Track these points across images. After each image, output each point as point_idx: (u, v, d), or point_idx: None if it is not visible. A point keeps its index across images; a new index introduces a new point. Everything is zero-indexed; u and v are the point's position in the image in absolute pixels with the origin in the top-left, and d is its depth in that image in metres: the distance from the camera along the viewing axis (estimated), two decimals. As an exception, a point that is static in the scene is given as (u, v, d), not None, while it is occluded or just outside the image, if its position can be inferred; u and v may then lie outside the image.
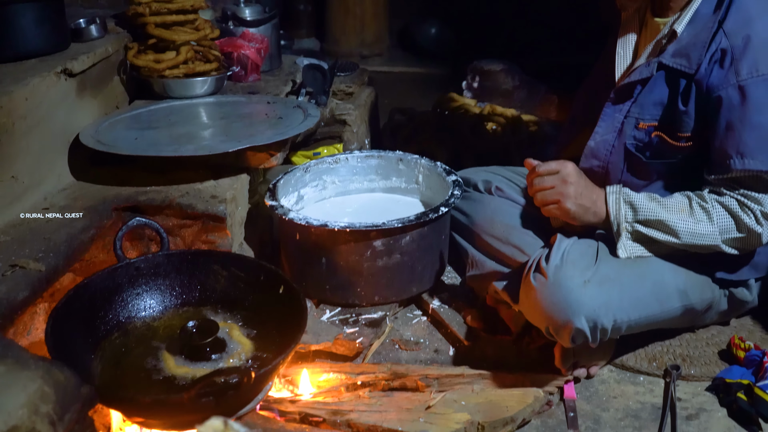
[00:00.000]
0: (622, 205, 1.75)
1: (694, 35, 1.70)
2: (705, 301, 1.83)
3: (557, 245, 1.77)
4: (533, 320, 1.79)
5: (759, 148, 1.63)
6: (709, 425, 1.72)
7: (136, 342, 1.70)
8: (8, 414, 1.08)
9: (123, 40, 2.47)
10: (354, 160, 2.46)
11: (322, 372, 1.88)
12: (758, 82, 1.62)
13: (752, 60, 1.62)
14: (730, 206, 1.70)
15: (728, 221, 1.70)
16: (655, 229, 1.74)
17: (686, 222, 1.71)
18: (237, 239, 2.06)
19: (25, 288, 1.56)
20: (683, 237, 1.72)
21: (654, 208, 1.73)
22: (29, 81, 1.92)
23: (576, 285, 1.68)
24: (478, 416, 1.65)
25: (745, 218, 1.68)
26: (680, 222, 1.71)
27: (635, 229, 1.75)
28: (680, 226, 1.71)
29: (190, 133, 2.18)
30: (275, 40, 2.98)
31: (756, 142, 1.63)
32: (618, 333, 1.76)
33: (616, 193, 1.77)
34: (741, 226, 1.69)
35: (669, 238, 1.73)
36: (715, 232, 1.70)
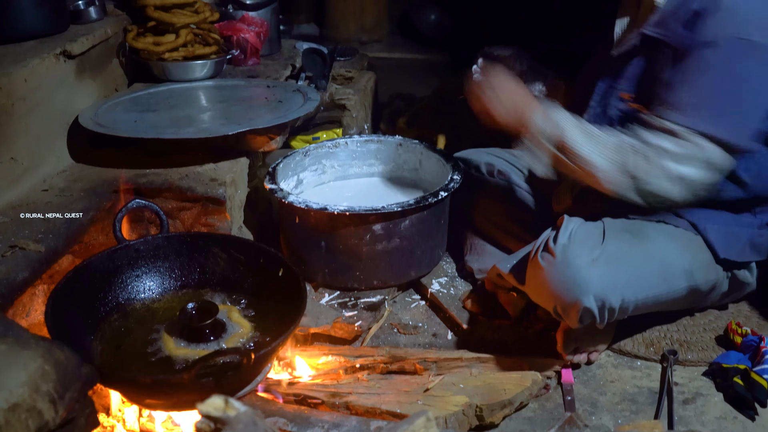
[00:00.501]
0: (544, 118, 1.73)
1: (675, 5, 1.70)
2: (709, 282, 1.83)
3: (564, 226, 1.78)
4: (540, 301, 1.79)
5: (690, 105, 1.62)
6: (706, 409, 1.73)
7: (135, 323, 1.70)
8: (9, 392, 1.08)
9: (122, 22, 2.46)
10: (353, 145, 2.45)
11: (320, 355, 1.88)
12: (716, 46, 1.60)
13: (715, 22, 1.61)
14: (635, 129, 1.68)
15: (629, 143, 1.66)
16: (558, 129, 1.72)
17: (580, 128, 1.70)
18: (236, 222, 2.06)
19: (24, 269, 1.57)
20: (569, 135, 1.69)
21: (563, 121, 1.72)
22: (28, 62, 1.91)
23: (584, 263, 1.68)
24: (476, 399, 1.66)
25: (649, 135, 1.65)
26: (576, 129, 1.70)
27: (552, 152, 1.73)
28: (577, 135, 1.69)
29: (189, 116, 2.17)
30: (275, 24, 2.98)
31: (688, 99, 1.63)
32: (625, 313, 1.75)
33: (544, 107, 1.75)
34: (644, 150, 1.65)
35: (568, 140, 1.70)
36: (610, 150, 1.67)
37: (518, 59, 2.16)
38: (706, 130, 1.61)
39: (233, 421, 1.02)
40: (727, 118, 1.62)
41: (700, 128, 1.61)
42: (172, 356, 1.58)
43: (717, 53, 1.61)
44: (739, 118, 1.63)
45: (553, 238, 1.75)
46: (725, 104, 1.63)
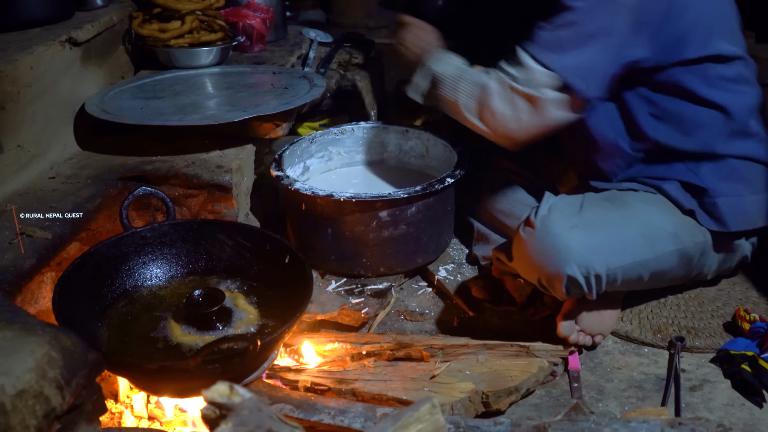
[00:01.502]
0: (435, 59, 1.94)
1: None
2: (698, 244, 1.81)
3: (545, 200, 1.79)
4: (525, 274, 1.80)
5: (547, 43, 1.69)
6: (713, 396, 1.72)
7: (142, 310, 1.71)
8: (16, 378, 1.09)
9: (127, 9, 2.46)
10: (360, 131, 2.45)
11: (327, 342, 1.89)
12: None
13: None
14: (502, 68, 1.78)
15: (484, 72, 1.81)
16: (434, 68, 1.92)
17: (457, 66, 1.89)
18: (243, 209, 2.06)
19: (32, 256, 1.57)
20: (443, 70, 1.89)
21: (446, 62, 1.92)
22: (34, 49, 1.91)
23: (563, 230, 1.69)
24: (482, 386, 1.66)
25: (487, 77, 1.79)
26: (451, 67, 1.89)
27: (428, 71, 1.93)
28: (448, 70, 1.89)
29: (195, 103, 2.17)
30: (281, 10, 2.96)
31: (545, 38, 1.69)
32: (615, 284, 1.74)
33: (439, 53, 1.96)
34: (495, 74, 1.78)
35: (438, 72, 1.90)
36: (472, 73, 1.83)
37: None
38: (547, 62, 1.68)
39: (238, 407, 1.02)
40: (571, 57, 1.68)
41: (542, 59, 1.68)
42: (179, 343, 1.59)
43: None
44: (584, 60, 1.68)
45: (535, 212, 1.76)
46: (572, 43, 1.67)
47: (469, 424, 1.37)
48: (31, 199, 1.79)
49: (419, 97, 1.97)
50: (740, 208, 1.82)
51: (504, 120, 1.75)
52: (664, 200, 1.83)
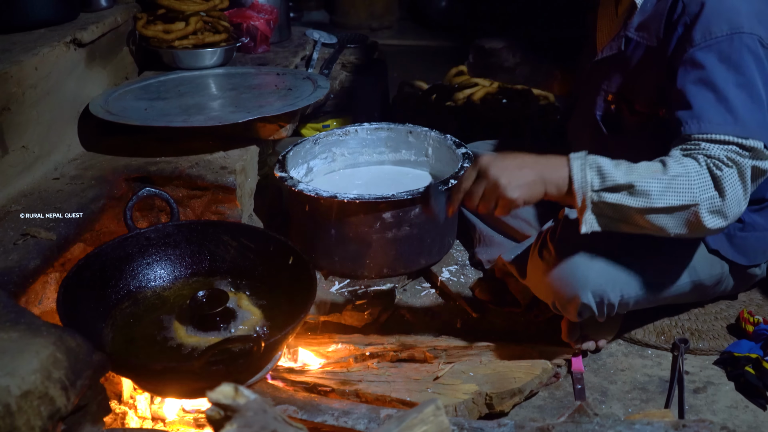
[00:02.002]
0: (588, 171, 1.50)
1: (656, 6, 1.67)
2: (714, 276, 1.83)
3: (565, 220, 1.77)
4: (540, 295, 1.80)
5: (714, 112, 1.52)
6: (717, 398, 1.72)
7: (146, 311, 1.71)
8: (21, 379, 1.09)
9: (132, 10, 2.46)
10: (363, 133, 2.45)
11: (330, 343, 1.89)
12: (711, 46, 1.54)
13: (705, 25, 1.55)
14: (697, 157, 1.51)
15: (700, 176, 1.50)
16: (624, 193, 1.50)
17: (660, 180, 1.49)
18: (246, 210, 2.07)
19: (36, 256, 1.58)
20: (656, 198, 1.49)
21: (622, 173, 1.50)
22: (39, 50, 1.91)
23: (583, 259, 1.68)
24: (485, 387, 1.66)
25: (713, 166, 1.49)
26: (653, 181, 1.49)
27: (602, 199, 1.50)
28: (653, 186, 1.49)
29: (199, 104, 2.17)
30: (285, 11, 2.97)
31: (710, 106, 1.53)
32: (626, 308, 1.76)
33: (581, 158, 1.52)
34: (715, 180, 1.50)
35: (641, 203, 1.49)
36: (693, 187, 1.49)
37: (511, 51, 2.15)
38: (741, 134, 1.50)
39: (243, 408, 1.03)
40: (751, 117, 1.52)
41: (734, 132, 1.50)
42: (183, 343, 1.59)
43: (718, 54, 1.54)
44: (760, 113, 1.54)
45: (553, 232, 1.75)
46: (745, 102, 1.53)
47: (472, 426, 1.37)
48: (36, 200, 1.79)
49: (594, 229, 1.55)
50: (765, 242, 1.83)
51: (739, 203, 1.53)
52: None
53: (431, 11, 5.08)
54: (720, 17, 1.54)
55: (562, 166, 1.52)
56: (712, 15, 1.55)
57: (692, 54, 1.56)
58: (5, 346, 1.17)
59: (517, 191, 1.50)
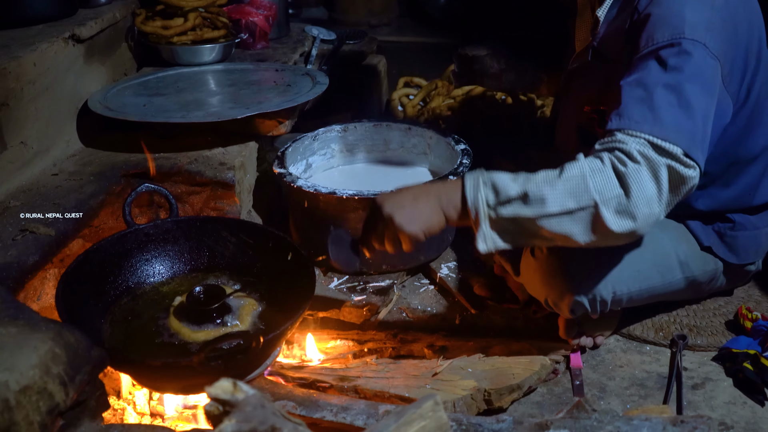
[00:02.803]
0: (482, 188, 1.44)
1: (617, 18, 1.66)
2: (707, 272, 1.83)
3: None
4: (533, 292, 1.80)
5: (636, 110, 1.46)
6: (715, 394, 1.72)
7: (145, 307, 1.71)
8: (20, 374, 1.09)
9: (131, 6, 2.46)
10: (362, 129, 2.45)
11: (329, 339, 1.89)
12: (652, 51, 1.51)
13: (650, 32, 1.53)
14: (602, 155, 1.44)
15: (602, 175, 1.41)
16: (518, 204, 1.42)
17: (553, 185, 1.41)
18: (245, 206, 2.07)
19: (35, 252, 1.58)
20: (551, 203, 1.40)
21: (518, 184, 1.43)
22: (37, 46, 1.91)
23: (574, 258, 1.68)
24: (484, 383, 1.66)
25: (617, 163, 1.41)
26: (547, 187, 1.41)
27: (499, 214, 1.43)
28: (547, 191, 1.41)
29: (198, 100, 2.17)
30: (283, 7, 2.97)
31: (635, 104, 1.47)
32: (619, 305, 1.76)
33: (475, 177, 1.46)
34: (619, 176, 1.40)
35: (536, 210, 1.41)
36: (590, 188, 1.40)
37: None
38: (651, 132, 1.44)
39: (242, 403, 1.03)
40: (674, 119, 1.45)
41: (646, 130, 1.44)
42: (182, 339, 1.59)
43: (656, 57, 1.51)
44: (688, 121, 1.46)
45: None
46: (671, 104, 1.47)
47: (471, 422, 1.37)
48: (35, 196, 1.79)
49: (500, 246, 1.48)
50: (756, 241, 1.83)
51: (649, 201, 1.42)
52: (679, 226, 1.80)
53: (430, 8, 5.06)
54: (664, 24, 1.52)
55: (457, 188, 1.47)
56: (656, 22, 1.53)
57: (635, 60, 1.54)
58: (4, 342, 1.17)
59: (414, 225, 1.47)
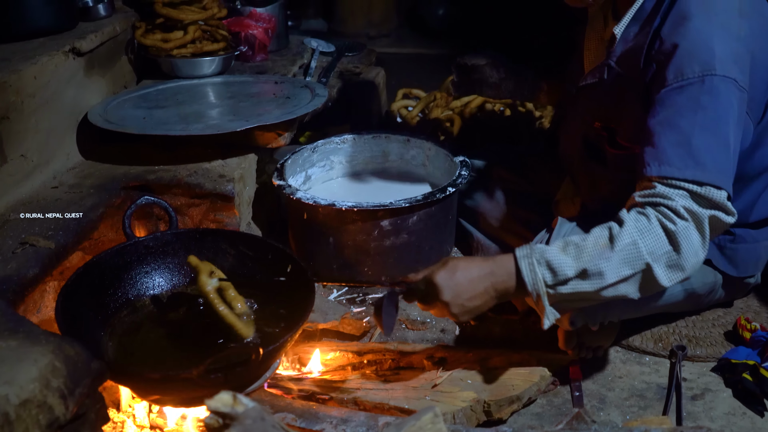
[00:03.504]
0: (538, 268, 1.49)
1: (636, 38, 1.64)
2: (707, 285, 1.83)
3: (557, 229, 1.77)
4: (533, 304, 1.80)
5: (675, 154, 1.48)
6: (715, 405, 1.72)
7: (144, 319, 1.71)
8: (20, 387, 1.09)
9: (131, 19, 2.47)
10: (361, 141, 2.46)
11: (329, 351, 1.89)
12: (682, 87, 1.50)
13: (678, 65, 1.51)
14: (648, 213, 1.48)
15: (652, 234, 1.47)
16: (577, 281, 1.49)
17: (609, 259, 1.47)
18: (245, 218, 2.07)
19: (35, 265, 1.58)
20: (609, 275, 1.47)
21: (572, 259, 1.48)
22: (38, 59, 1.92)
23: None
24: (484, 394, 1.66)
25: (665, 221, 1.46)
26: (602, 261, 1.47)
27: (557, 292, 1.50)
28: (604, 265, 1.47)
29: (198, 113, 2.18)
30: (282, 19, 2.98)
31: (673, 147, 1.49)
32: (618, 316, 1.76)
33: (528, 257, 1.50)
34: (662, 232, 1.46)
35: (595, 284, 1.48)
36: (642, 252, 1.46)
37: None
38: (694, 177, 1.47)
39: (241, 416, 1.03)
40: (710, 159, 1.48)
41: (688, 176, 1.47)
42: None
43: (688, 95, 1.50)
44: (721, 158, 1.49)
45: (545, 242, 1.75)
46: (710, 146, 1.48)
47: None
48: (35, 209, 1.79)
49: (558, 316, 1.56)
50: (756, 254, 1.83)
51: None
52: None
53: (429, 19, 5.09)
54: (693, 58, 1.50)
55: (511, 271, 1.51)
56: (685, 55, 1.51)
57: (663, 94, 1.53)
58: (4, 355, 1.18)
59: (467, 316, 1.55)
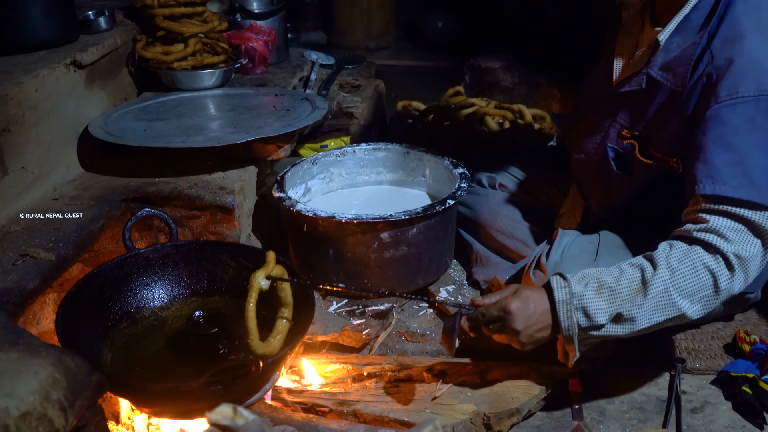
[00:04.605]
0: (574, 313, 1.55)
1: (682, 47, 1.62)
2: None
3: (558, 241, 1.78)
4: None
5: (730, 174, 1.49)
6: (714, 418, 1.72)
7: (144, 331, 1.71)
8: (20, 400, 1.09)
9: (131, 32, 2.48)
10: (361, 153, 2.46)
11: (329, 363, 1.89)
12: (736, 104, 1.50)
13: (732, 82, 1.50)
14: (694, 256, 1.51)
15: (694, 280, 1.51)
16: (609, 326, 1.56)
17: (641, 306, 1.52)
18: (245, 230, 2.07)
19: (35, 277, 1.58)
20: (641, 321, 1.54)
21: (605, 303, 1.54)
22: (39, 72, 1.93)
23: None
24: (483, 407, 1.66)
25: (713, 265, 1.50)
26: (635, 308, 1.53)
27: (587, 335, 1.58)
28: (636, 312, 1.53)
29: (198, 125, 2.19)
30: (282, 32, 2.99)
31: (727, 167, 1.50)
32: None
33: (567, 303, 1.56)
34: (709, 280, 1.51)
35: (627, 329, 1.56)
36: (676, 299, 1.52)
37: (508, 70, 2.14)
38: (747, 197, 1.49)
39: (242, 429, 1.03)
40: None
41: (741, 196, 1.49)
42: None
43: (743, 114, 1.50)
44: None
45: (546, 254, 1.75)
46: (765, 167, 1.50)
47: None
48: (35, 221, 1.79)
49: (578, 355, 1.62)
50: (763, 273, 1.81)
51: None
52: None
53: (428, 32, 5.12)
54: (748, 76, 1.49)
55: (547, 311, 1.57)
56: (740, 72, 1.50)
57: (716, 110, 1.52)
58: (4, 367, 1.18)
59: (531, 346, 1.62)
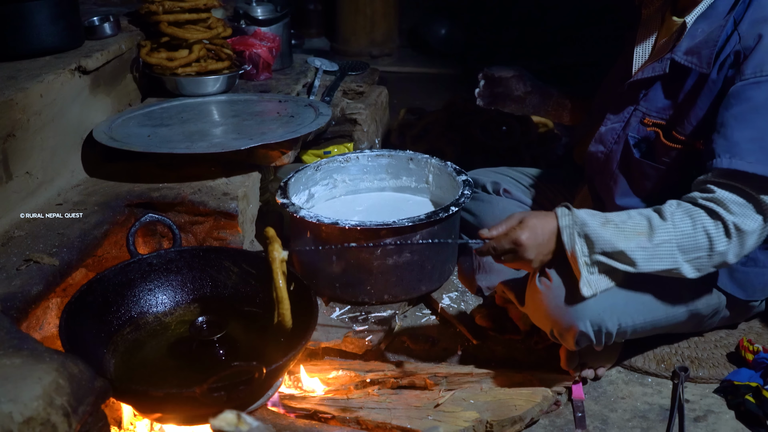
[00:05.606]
0: (577, 239, 1.61)
1: (707, 32, 1.65)
2: (711, 306, 1.83)
3: None
4: (538, 323, 1.80)
5: (749, 150, 1.52)
6: (717, 427, 1.72)
7: (148, 337, 1.71)
8: (24, 405, 1.10)
9: (136, 38, 2.49)
10: (364, 159, 2.46)
11: (331, 369, 1.89)
12: (760, 83, 1.53)
13: (759, 60, 1.54)
14: (696, 217, 1.57)
15: (692, 239, 1.57)
16: (614, 260, 1.61)
17: (644, 249, 1.58)
18: (248, 236, 2.08)
19: (39, 282, 1.58)
20: (641, 265, 1.60)
21: (610, 238, 1.59)
22: (44, 78, 1.94)
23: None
24: (486, 415, 1.66)
25: (712, 229, 1.56)
26: (638, 250, 1.58)
27: (595, 260, 1.63)
28: (637, 255, 1.59)
29: (202, 131, 2.19)
30: (286, 39, 3.00)
31: (747, 143, 1.53)
32: (623, 337, 1.76)
33: (570, 227, 1.62)
34: (705, 242, 1.56)
35: (626, 268, 1.62)
36: (676, 254, 1.58)
37: (521, 80, 2.14)
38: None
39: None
40: None
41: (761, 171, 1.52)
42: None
43: (766, 91, 1.53)
44: None
45: (550, 261, 1.75)
46: None
47: (473, 454, 1.37)
48: (39, 226, 1.80)
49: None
50: (764, 279, 1.83)
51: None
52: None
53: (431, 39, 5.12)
54: None
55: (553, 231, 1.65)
56: (766, 51, 1.54)
57: (740, 87, 1.55)
58: (8, 372, 1.18)
59: (537, 263, 1.68)
